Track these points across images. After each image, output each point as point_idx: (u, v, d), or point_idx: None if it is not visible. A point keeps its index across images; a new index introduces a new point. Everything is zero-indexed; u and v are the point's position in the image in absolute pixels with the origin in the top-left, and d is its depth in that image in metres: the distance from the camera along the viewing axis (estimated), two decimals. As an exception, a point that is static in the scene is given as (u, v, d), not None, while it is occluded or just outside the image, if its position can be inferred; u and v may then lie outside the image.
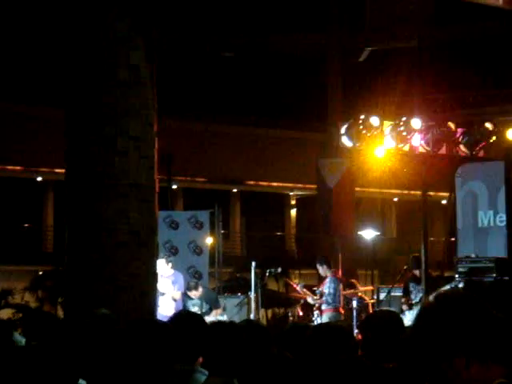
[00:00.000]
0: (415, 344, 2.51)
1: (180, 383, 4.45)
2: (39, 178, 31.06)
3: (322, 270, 14.93)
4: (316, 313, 14.83)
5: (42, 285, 27.22)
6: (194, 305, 14.07)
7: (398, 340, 3.32)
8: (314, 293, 15.20)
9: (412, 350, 2.52)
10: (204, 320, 5.13)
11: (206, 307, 14.37)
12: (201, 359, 4.61)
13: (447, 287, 13.23)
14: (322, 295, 14.85)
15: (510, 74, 15.44)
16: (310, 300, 14.99)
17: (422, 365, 2.49)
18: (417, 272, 14.84)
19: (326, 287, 14.75)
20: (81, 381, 4.18)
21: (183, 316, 5.20)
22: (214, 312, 14.40)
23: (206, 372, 4.53)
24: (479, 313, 2.50)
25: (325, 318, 14.23)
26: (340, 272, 15.30)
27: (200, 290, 14.29)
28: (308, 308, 15.28)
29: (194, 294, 14.19)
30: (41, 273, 28.17)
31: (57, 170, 25.96)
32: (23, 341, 6.06)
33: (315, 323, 13.86)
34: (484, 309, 2.51)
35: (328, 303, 14.70)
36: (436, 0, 17.35)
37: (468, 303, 2.52)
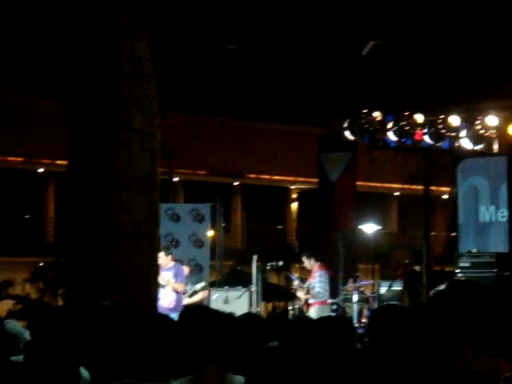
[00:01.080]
0: (426, 331, 2.50)
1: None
2: (40, 170, 31.07)
3: (309, 263, 14.79)
4: (297, 307, 14.71)
5: (43, 276, 27.26)
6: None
7: (407, 334, 3.32)
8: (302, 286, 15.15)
9: (423, 337, 2.51)
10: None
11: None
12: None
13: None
14: (308, 289, 14.76)
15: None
16: (300, 294, 14.93)
17: (433, 353, 2.48)
18: (417, 267, 14.84)
19: (317, 281, 14.67)
20: (82, 370, 4.19)
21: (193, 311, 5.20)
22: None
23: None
24: (489, 303, 2.50)
25: (313, 312, 14.16)
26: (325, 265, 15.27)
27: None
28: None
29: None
30: (41, 264, 28.19)
31: (58, 162, 25.97)
32: (26, 333, 6.07)
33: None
34: (494, 299, 2.50)
35: (317, 297, 14.65)
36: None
37: (478, 292, 2.52)
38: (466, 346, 2.43)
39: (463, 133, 13.30)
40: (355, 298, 15.04)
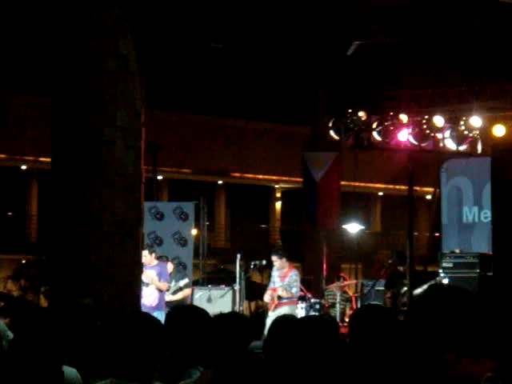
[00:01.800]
0: (407, 338, 2.51)
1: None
2: (24, 167, 30.94)
3: (281, 262, 14.54)
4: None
5: (25, 273, 27.17)
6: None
7: (388, 334, 3.32)
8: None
9: (404, 343, 2.51)
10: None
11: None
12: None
13: (431, 283, 13.28)
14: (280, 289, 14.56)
15: (497, 69, 15.47)
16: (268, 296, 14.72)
17: (414, 358, 2.48)
18: (400, 268, 14.86)
19: (293, 280, 14.56)
20: (70, 369, 4.16)
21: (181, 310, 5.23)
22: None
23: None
24: (469, 307, 2.50)
25: (286, 310, 13.98)
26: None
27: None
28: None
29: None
30: (24, 261, 28.10)
31: (41, 159, 25.87)
32: (8, 331, 6.03)
33: (271, 316, 13.73)
34: (474, 303, 2.50)
35: (292, 296, 14.57)
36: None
37: (458, 297, 2.52)
38: (447, 350, 2.44)
39: (447, 133, 13.34)
40: (338, 297, 15.05)
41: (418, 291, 13.23)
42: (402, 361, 2.54)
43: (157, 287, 13.51)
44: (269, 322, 12.98)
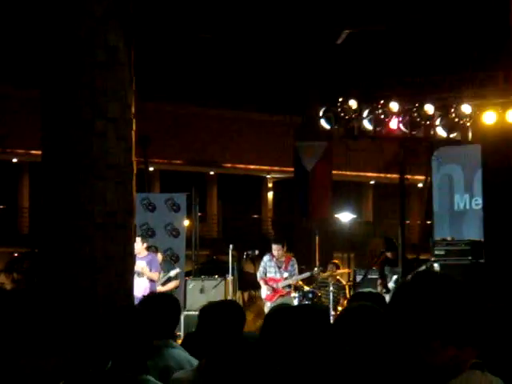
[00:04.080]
0: (392, 326, 2.51)
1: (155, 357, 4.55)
2: (15, 160, 30.88)
3: (281, 251, 14.53)
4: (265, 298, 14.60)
5: (18, 266, 27.15)
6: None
7: (379, 320, 3.33)
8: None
9: (389, 331, 2.52)
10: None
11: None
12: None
13: (422, 268, 13.31)
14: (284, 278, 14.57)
15: (487, 56, 15.48)
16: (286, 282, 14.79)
17: (399, 346, 2.49)
18: (389, 254, 14.92)
19: (294, 269, 14.58)
20: None
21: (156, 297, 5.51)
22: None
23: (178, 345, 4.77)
24: (457, 295, 2.51)
25: (285, 300, 13.97)
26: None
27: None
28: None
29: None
30: (16, 254, 28.08)
31: (32, 152, 25.82)
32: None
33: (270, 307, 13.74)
34: (462, 291, 2.51)
35: (290, 286, 14.59)
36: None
37: (446, 284, 2.52)
38: (432, 338, 2.45)
39: (438, 121, 13.35)
40: (331, 286, 15.08)
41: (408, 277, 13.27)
42: (388, 349, 2.55)
43: (148, 277, 13.53)
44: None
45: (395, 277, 14.28)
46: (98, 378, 3.82)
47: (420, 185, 29.32)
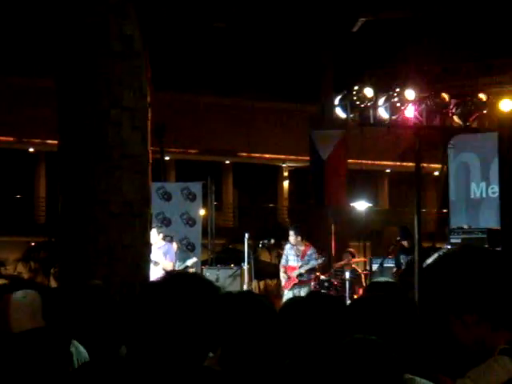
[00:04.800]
0: (429, 293, 2.47)
1: None
2: (31, 149, 30.99)
3: (296, 239, 14.63)
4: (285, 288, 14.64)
5: (35, 256, 27.28)
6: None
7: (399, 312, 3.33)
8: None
9: (426, 298, 2.48)
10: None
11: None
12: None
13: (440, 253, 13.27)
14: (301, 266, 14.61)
15: (504, 44, 15.40)
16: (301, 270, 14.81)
17: (434, 317, 2.45)
18: (405, 242, 14.92)
19: (313, 258, 14.63)
20: (78, 345, 4.20)
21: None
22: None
23: None
24: (499, 269, 2.45)
25: (306, 289, 14.12)
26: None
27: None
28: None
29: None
30: (33, 244, 28.20)
31: (49, 141, 25.91)
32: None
33: (287, 295, 13.83)
34: (505, 266, 2.45)
35: (309, 275, 14.65)
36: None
37: (488, 257, 2.47)
38: (468, 311, 2.40)
39: (454, 109, 13.29)
40: (347, 274, 15.08)
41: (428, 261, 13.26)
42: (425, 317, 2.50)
43: (163, 267, 13.57)
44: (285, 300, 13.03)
45: (408, 258, 14.30)
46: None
47: (436, 173, 29.21)
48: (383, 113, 13.00)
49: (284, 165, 35.48)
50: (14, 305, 3.89)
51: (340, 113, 13.24)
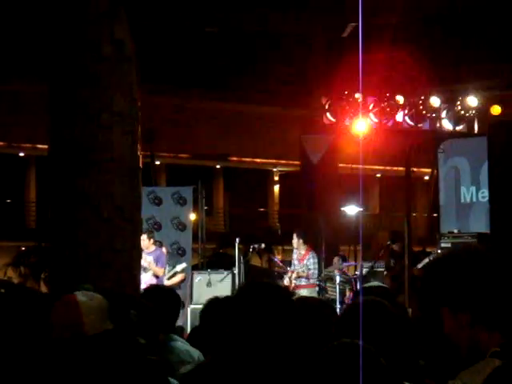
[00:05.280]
0: (425, 290, 2.47)
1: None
2: (21, 154, 30.91)
3: (298, 243, 14.74)
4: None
5: (25, 261, 27.19)
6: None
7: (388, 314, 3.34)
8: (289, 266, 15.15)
9: (422, 294, 2.49)
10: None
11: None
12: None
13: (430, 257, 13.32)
14: (298, 272, 14.66)
15: (493, 49, 15.45)
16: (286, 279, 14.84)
17: (429, 313, 2.45)
18: (395, 246, 14.97)
19: (311, 262, 14.69)
20: None
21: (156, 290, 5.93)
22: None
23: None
24: (496, 271, 2.45)
25: (304, 293, 14.16)
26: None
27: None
28: None
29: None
30: (23, 249, 28.12)
31: (39, 146, 25.86)
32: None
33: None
34: (502, 269, 2.46)
35: (308, 279, 14.68)
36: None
37: (486, 259, 2.48)
38: (463, 309, 2.40)
39: (444, 114, 13.34)
40: (338, 278, 15.09)
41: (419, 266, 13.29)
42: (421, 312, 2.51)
43: (154, 273, 13.55)
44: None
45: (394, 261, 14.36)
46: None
47: (426, 177, 29.27)
48: (373, 117, 13.05)
49: (275, 169, 35.50)
50: (85, 307, 3.89)
51: (330, 118, 13.29)
